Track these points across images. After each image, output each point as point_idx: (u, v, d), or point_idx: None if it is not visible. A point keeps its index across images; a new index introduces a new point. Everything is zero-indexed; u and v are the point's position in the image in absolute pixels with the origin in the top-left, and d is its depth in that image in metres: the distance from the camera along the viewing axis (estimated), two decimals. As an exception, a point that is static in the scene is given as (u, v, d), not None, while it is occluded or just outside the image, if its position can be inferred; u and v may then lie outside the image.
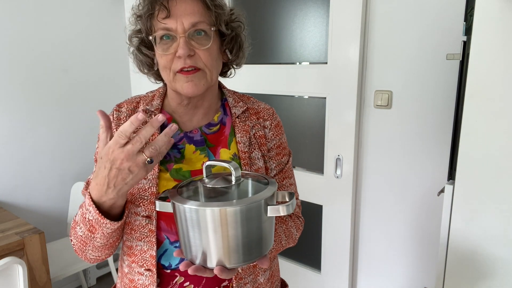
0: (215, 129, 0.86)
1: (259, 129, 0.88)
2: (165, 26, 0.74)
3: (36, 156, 2.26)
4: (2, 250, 1.58)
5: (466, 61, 1.08)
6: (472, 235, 1.10)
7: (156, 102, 0.86)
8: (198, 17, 0.74)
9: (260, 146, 0.87)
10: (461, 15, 1.41)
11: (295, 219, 0.94)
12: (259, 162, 0.85)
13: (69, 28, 2.30)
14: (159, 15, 0.74)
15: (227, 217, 0.56)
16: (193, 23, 0.74)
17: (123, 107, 0.86)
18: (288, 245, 0.90)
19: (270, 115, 0.91)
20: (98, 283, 2.60)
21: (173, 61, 0.75)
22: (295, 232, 0.92)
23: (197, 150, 0.83)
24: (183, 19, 0.73)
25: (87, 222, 0.71)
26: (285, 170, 0.92)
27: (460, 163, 1.08)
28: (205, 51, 0.76)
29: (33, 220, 2.28)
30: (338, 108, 1.77)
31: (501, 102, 0.99)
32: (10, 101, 2.12)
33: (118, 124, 0.83)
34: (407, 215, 1.70)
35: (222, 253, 0.58)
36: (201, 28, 0.75)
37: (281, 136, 0.92)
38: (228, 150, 0.84)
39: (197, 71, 0.76)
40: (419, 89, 1.57)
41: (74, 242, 0.77)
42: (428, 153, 1.60)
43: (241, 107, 0.88)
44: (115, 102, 2.62)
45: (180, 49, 0.73)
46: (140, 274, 0.79)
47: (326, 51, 1.78)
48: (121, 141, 0.61)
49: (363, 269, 1.90)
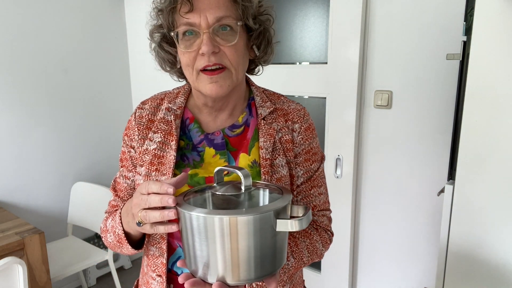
0: (239, 131, 0.80)
1: (286, 132, 0.80)
2: (187, 21, 0.68)
3: (36, 156, 2.26)
4: (2, 250, 1.58)
5: (466, 61, 1.08)
6: (472, 235, 1.10)
7: (180, 100, 0.81)
8: (224, 11, 0.69)
9: (285, 152, 0.79)
10: (461, 15, 1.41)
11: (322, 232, 0.84)
12: (283, 170, 0.78)
13: (69, 28, 2.30)
14: (181, 9, 0.69)
15: (229, 228, 0.51)
16: (218, 18, 0.68)
17: (147, 104, 0.82)
18: (312, 262, 0.82)
19: (301, 117, 0.82)
20: (98, 283, 2.60)
21: (196, 59, 0.70)
22: (321, 247, 0.83)
23: (217, 154, 0.78)
24: (207, 13, 0.67)
25: (116, 235, 0.76)
26: (314, 178, 0.83)
27: (460, 163, 1.08)
28: (231, 48, 0.70)
29: (33, 220, 2.28)
30: (338, 108, 1.77)
31: (501, 102, 0.99)
32: (10, 101, 2.12)
33: (139, 122, 0.80)
34: (407, 215, 1.70)
35: (222, 266, 0.53)
36: (226, 23, 0.69)
37: (312, 141, 0.83)
38: (248, 156, 0.78)
39: (222, 71, 0.71)
40: (419, 89, 1.57)
41: (107, 243, 0.81)
42: (428, 153, 1.60)
43: (268, 108, 0.80)
44: (115, 102, 2.62)
45: (203, 45, 0.67)
46: (153, 279, 0.79)
47: (326, 51, 1.78)
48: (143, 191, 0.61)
49: (363, 269, 1.90)
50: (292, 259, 0.77)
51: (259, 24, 0.75)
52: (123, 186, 0.84)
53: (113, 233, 0.77)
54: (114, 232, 0.77)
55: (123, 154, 0.84)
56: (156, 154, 0.77)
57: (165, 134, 0.78)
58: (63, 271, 1.96)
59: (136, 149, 0.80)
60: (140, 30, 2.54)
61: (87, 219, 2.24)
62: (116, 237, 0.76)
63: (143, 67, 2.60)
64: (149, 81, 2.59)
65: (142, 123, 0.80)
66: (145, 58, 2.56)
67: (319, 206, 0.85)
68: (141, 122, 0.80)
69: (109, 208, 0.87)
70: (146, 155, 0.78)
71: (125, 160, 0.83)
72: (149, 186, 0.59)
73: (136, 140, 0.80)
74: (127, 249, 0.76)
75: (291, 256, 0.77)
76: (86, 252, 2.14)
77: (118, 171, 0.87)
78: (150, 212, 0.59)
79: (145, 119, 0.80)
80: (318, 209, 0.85)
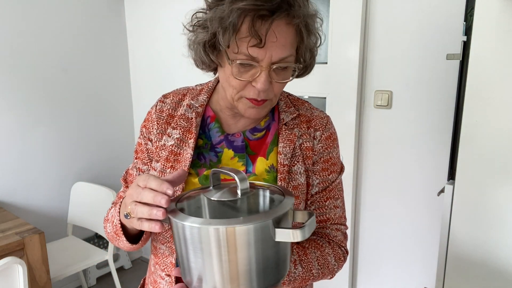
0: (260, 135, 0.78)
1: (307, 139, 0.77)
2: (251, 54, 0.63)
3: (36, 156, 2.26)
4: (2, 250, 1.58)
5: (466, 61, 1.08)
6: (472, 235, 1.10)
7: (203, 98, 0.78)
8: (289, 51, 0.65)
9: (305, 159, 0.76)
10: (461, 15, 1.41)
11: (334, 247, 0.80)
12: (300, 178, 0.75)
13: (69, 28, 2.30)
14: (250, 41, 0.62)
15: (225, 238, 0.47)
16: (282, 58, 0.64)
17: (168, 98, 0.80)
18: (322, 277, 0.77)
19: (323, 125, 0.80)
20: (98, 283, 2.60)
21: (245, 87, 0.67)
22: (333, 262, 0.78)
23: (236, 156, 0.76)
24: (273, 52, 0.63)
25: (114, 225, 0.73)
26: (330, 189, 0.80)
27: (460, 163, 1.08)
28: (281, 84, 0.68)
29: (33, 220, 2.28)
30: (338, 108, 1.77)
31: (501, 102, 0.99)
32: (10, 101, 2.12)
33: (159, 116, 0.78)
34: (407, 215, 1.70)
35: (219, 279, 0.49)
36: (287, 63, 0.66)
37: (332, 150, 0.80)
38: (265, 160, 0.75)
39: (266, 101, 0.69)
40: (419, 89, 1.57)
41: (107, 234, 0.79)
42: (428, 153, 1.60)
43: (292, 113, 0.79)
44: (115, 102, 2.62)
45: (260, 83, 0.64)
46: (161, 278, 0.77)
47: (326, 51, 1.78)
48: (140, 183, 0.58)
49: (363, 269, 1.90)
50: (300, 268, 0.72)
51: (310, 56, 0.73)
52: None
53: (112, 223, 0.75)
54: (113, 222, 0.74)
55: (139, 146, 0.82)
56: (173, 150, 0.75)
57: (184, 131, 0.76)
58: (63, 271, 1.96)
59: (153, 143, 0.78)
60: (140, 30, 2.54)
61: (87, 219, 2.24)
62: (114, 227, 0.74)
63: (143, 67, 2.59)
64: (149, 81, 2.59)
65: (162, 117, 0.78)
66: (145, 58, 2.56)
67: (333, 220, 0.81)
68: (161, 116, 0.78)
69: (116, 199, 0.85)
70: (163, 151, 0.76)
71: (140, 152, 0.81)
72: (148, 180, 0.56)
73: (154, 134, 0.78)
74: (122, 242, 0.73)
75: (299, 264, 0.72)
76: (86, 252, 2.14)
77: (132, 162, 0.85)
78: (139, 206, 0.56)
79: (165, 114, 0.78)
80: (332, 222, 0.81)
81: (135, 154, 0.83)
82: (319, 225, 0.81)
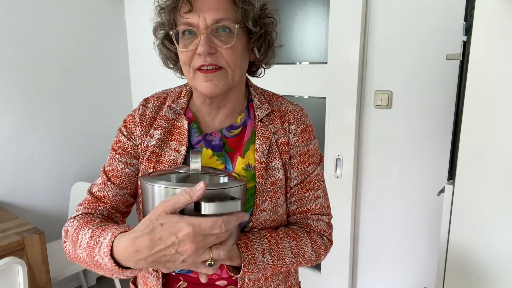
0: (236, 132, 0.80)
1: (282, 134, 0.79)
2: (186, 21, 0.70)
3: (36, 156, 2.26)
4: (2, 250, 1.58)
5: (466, 61, 1.08)
6: (472, 235, 1.10)
7: (183, 101, 0.82)
8: (223, 13, 0.69)
9: (281, 154, 0.79)
10: (461, 15, 1.41)
11: (314, 236, 0.81)
12: (278, 173, 0.78)
13: (69, 28, 2.30)
14: (181, 8, 0.70)
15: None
16: (216, 20, 0.69)
17: (150, 103, 0.83)
18: (298, 265, 0.79)
19: (297, 118, 0.82)
20: (98, 283, 2.60)
21: (193, 58, 0.71)
22: (310, 251, 0.79)
23: (214, 155, 0.78)
24: (205, 15, 0.69)
25: (95, 262, 0.64)
26: (309, 180, 0.81)
27: (460, 163, 1.08)
28: (227, 50, 0.70)
29: (33, 220, 2.28)
30: (338, 108, 1.77)
31: (501, 102, 0.99)
32: (10, 101, 2.12)
33: (142, 119, 0.80)
34: (407, 215, 1.70)
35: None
36: (224, 25, 0.70)
37: (308, 142, 0.82)
38: (242, 159, 0.78)
39: (218, 70, 0.71)
40: (419, 89, 1.57)
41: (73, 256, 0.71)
42: (428, 153, 1.60)
43: (266, 110, 0.80)
44: (115, 101, 2.62)
45: (200, 46, 0.68)
46: (149, 273, 0.80)
47: (326, 51, 1.78)
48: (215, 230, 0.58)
49: (363, 269, 1.90)
50: (269, 257, 0.73)
51: (260, 27, 0.75)
52: (123, 173, 0.79)
53: (90, 257, 0.65)
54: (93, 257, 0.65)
55: (119, 143, 0.81)
56: (154, 151, 0.78)
57: (165, 131, 0.79)
58: (63, 271, 1.96)
59: (138, 145, 0.80)
60: (140, 29, 2.54)
61: (87, 219, 2.24)
62: (96, 264, 0.65)
63: (143, 67, 2.59)
64: (149, 81, 2.59)
65: (146, 119, 0.81)
66: (145, 58, 2.56)
67: (314, 210, 0.82)
68: (144, 119, 0.81)
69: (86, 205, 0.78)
70: (146, 152, 0.79)
71: (120, 149, 0.80)
72: (226, 222, 0.58)
73: (138, 135, 0.80)
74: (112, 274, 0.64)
75: (268, 253, 0.74)
76: (86, 252, 2.14)
77: (108, 160, 0.81)
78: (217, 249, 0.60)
79: (148, 116, 0.81)
80: (313, 213, 0.83)
81: (113, 152, 0.81)
82: (300, 216, 0.83)
